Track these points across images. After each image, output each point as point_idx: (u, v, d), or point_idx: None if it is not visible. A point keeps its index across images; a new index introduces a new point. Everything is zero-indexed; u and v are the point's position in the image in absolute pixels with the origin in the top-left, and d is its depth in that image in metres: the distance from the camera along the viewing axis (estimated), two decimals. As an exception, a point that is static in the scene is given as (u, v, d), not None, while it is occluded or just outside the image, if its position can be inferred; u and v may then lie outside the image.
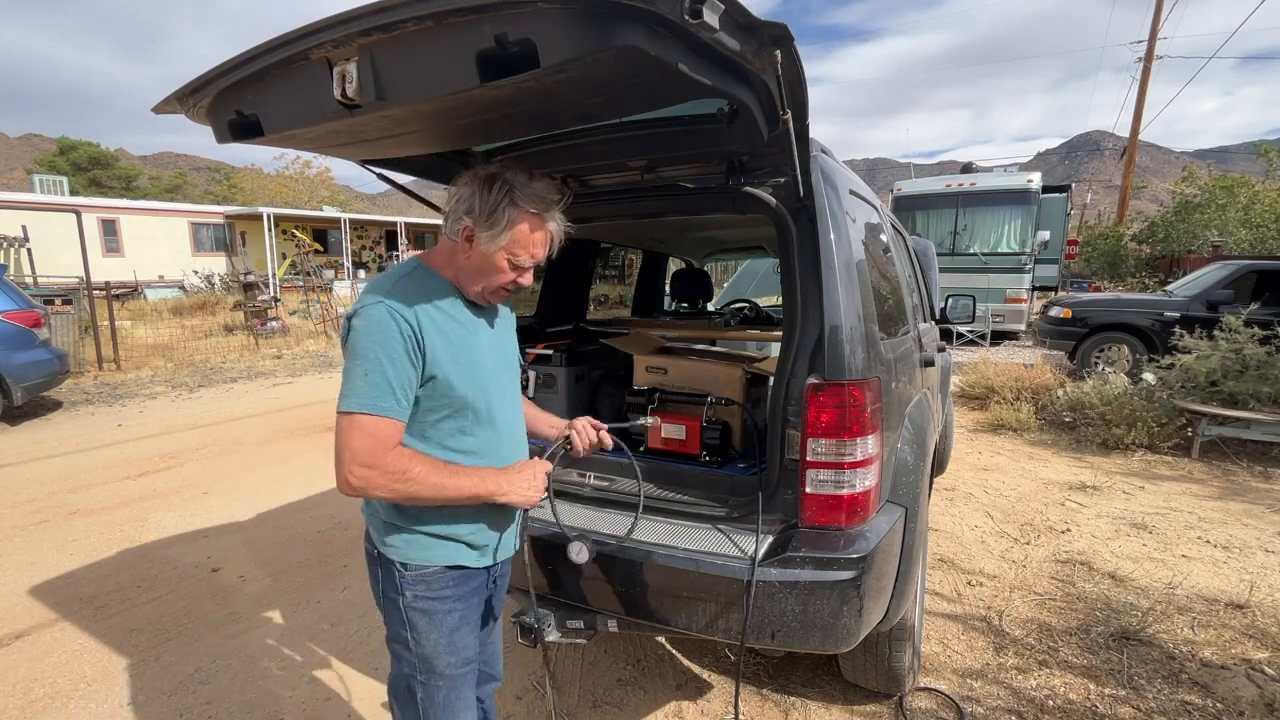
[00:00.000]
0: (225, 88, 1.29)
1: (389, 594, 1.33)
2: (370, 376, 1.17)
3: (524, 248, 1.29)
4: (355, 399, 1.17)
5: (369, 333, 1.19)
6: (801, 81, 1.25)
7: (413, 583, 1.31)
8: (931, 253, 4.56)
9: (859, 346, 1.64)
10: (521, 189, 1.25)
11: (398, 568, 1.31)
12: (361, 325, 1.20)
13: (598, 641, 2.63)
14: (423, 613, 1.32)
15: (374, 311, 1.19)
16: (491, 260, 1.28)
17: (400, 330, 1.19)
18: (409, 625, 1.32)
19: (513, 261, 1.30)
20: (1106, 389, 5.69)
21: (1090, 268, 22.42)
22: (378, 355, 1.18)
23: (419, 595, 1.31)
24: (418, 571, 1.31)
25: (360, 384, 1.17)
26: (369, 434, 1.16)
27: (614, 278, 8.66)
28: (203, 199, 41.21)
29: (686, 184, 1.93)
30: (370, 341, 1.18)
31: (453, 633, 1.35)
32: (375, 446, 1.17)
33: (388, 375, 1.18)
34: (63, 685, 2.41)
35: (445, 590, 1.33)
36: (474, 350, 1.32)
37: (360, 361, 1.18)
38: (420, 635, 1.32)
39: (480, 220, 1.24)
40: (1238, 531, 3.73)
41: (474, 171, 1.28)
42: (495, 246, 1.27)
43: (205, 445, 5.60)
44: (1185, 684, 2.36)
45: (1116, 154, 35.40)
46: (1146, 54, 19.32)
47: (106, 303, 9.38)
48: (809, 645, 1.57)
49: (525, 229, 1.27)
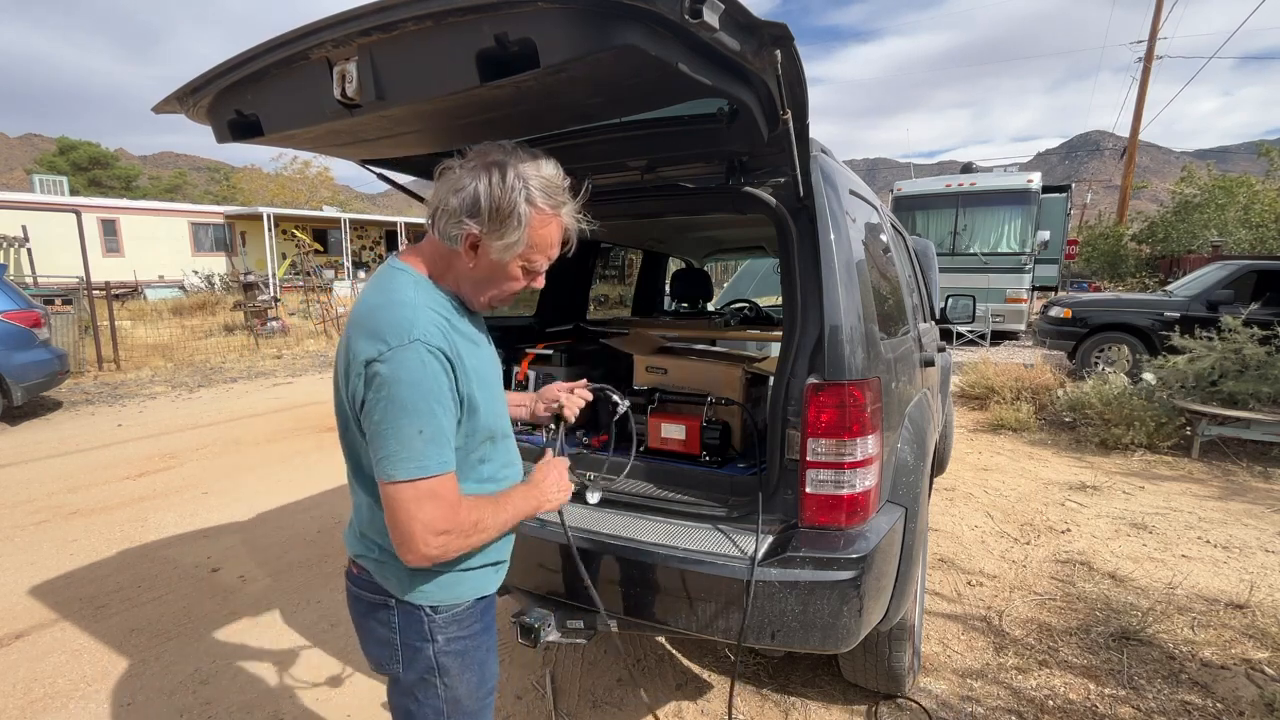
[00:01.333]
0: (225, 87, 1.29)
1: (413, 643, 1.16)
2: (426, 432, 1.00)
3: (541, 251, 1.13)
4: (416, 463, 0.99)
5: (413, 383, 0.99)
6: (801, 81, 1.25)
7: (444, 625, 1.17)
8: (931, 253, 4.56)
9: (859, 346, 1.63)
10: (535, 181, 1.06)
11: (426, 612, 1.15)
12: (400, 374, 0.99)
13: (598, 641, 2.62)
14: (456, 655, 1.18)
15: (410, 356, 1.00)
16: (504, 269, 1.12)
17: (444, 369, 1.03)
18: (440, 671, 1.17)
19: (528, 267, 1.14)
20: (1106, 389, 5.69)
21: (1090, 268, 22.43)
22: (430, 406, 1.01)
23: (452, 637, 1.17)
24: (449, 612, 1.17)
25: (417, 445, 0.99)
26: (440, 498, 1.02)
27: (614, 278, 8.66)
28: (202, 199, 41.22)
29: (686, 184, 1.93)
30: (417, 392, 1.00)
31: (483, 666, 1.24)
32: (448, 510, 1.03)
33: (443, 426, 1.02)
34: (63, 685, 2.41)
35: (475, 625, 1.21)
36: (488, 368, 1.20)
37: (411, 417, 0.99)
38: (452, 679, 1.19)
39: (490, 226, 1.06)
40: (1238, 531, 3.73)
41: (472, 159, 1.08)
42: (510, 255, 1.10)
43: (205, 445, 5.60)
44: (1185, 684, 2.36)
45: (1116, 154, 35.39)
46: (1146, 54, 19.32)
47: (106, 303, 9.38)
48: (809, 645, 1.57)
49: (542, 229, 1.10)
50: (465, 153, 1.09)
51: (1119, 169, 21.91)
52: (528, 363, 2.53)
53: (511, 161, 1.06)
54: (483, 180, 1.04)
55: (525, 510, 1.20)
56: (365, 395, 1.02)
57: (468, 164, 1.07)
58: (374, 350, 1.01)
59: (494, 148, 1.09)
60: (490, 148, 1.09)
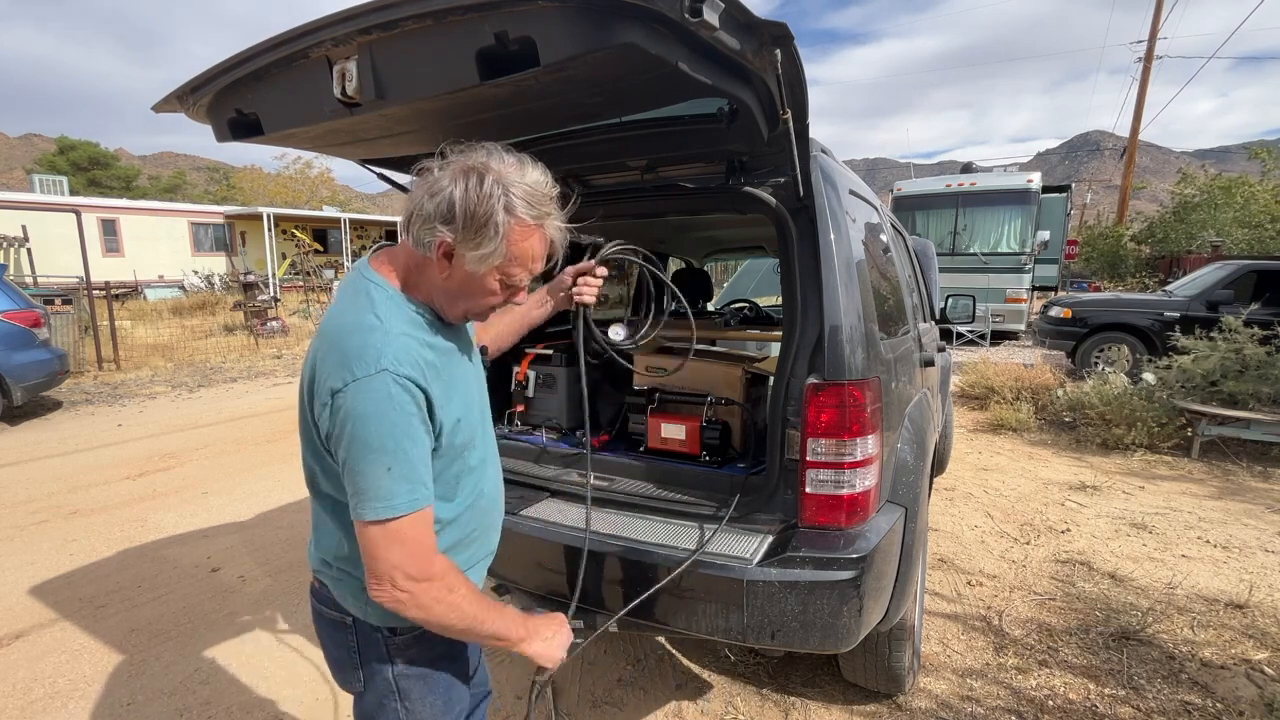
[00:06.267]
0: (225, 86, 1.29)
1: (372, 663, 1.12)
2: (395, 469, 0.94)
3: (521, 264, 1.03)
4: (384, 503, 0.93)
5: (379, 417, 0.93)
6: (801, 81, 1.25)
7: (404, 647, 1.11)
8: (931, 253, 4.57)
9: (859, 346, 1.63)
10: (517, 188, 0.97)
11: (384, 634, 1.10)
12: (362, 408, 0.93)
13: (598, 641, 2.62)
14: (417, 679, 1.13)
15: (377, 388, 0.93)
16: (480, 282, 1.03)
17: (413, 398, 0.96)
18: (400, 695, 1.12)
19: (506, 281, 1.05)
20: (1106, 389, 5.69)
21: (1090, 268, 22.45)
22: (398, 442, 0.94)
23: (413, 659, 1.12)
24: (410, 634, 1.11)
25: (385, 483, 0.93)
26: (411, 539, 0.95)
27: (614, 278, 8.64)
28: (202, 199, 41.25)
29: (686, 184, 1.93)
30: (384, 428, 0.93)
31: (449, 690, 1.18)
32: (421, 552, 0.97)
33: (412, 459, 0.96)
34: (63, 685, 2.41)
35: (440, 649, 1.15)
36: (464, 381, 1.13)
37: (379, 454, 0.93)
38: (414, 704, 1.13)
39: (464, 234, 0.96)
40: (1237, 531, 3.72)
41: (450, 162, 0.98)
42: (485, 267, 1.00)
43: (205, 445, 5.60)
44: (1185, 684, 2.36)
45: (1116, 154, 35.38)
46: (1146, 54, 19.33)
47: (106, 303, 9.38)
48: (809, 645, 1.57)
49: (522, 242, 1.01)
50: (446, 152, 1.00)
51: (1119, 169, 21.92)
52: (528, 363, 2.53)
53: (493, 165, 0.97)
54: (460, 185, 0.96)
55: (506, 633, 1.10)
56: (331, 428, 0.96)
57: (447, 166, 0.98)
58: (339, 380, 0.94)
59: (477, 149, 1.00)
60: (473, 149, 1.00)
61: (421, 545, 0.97)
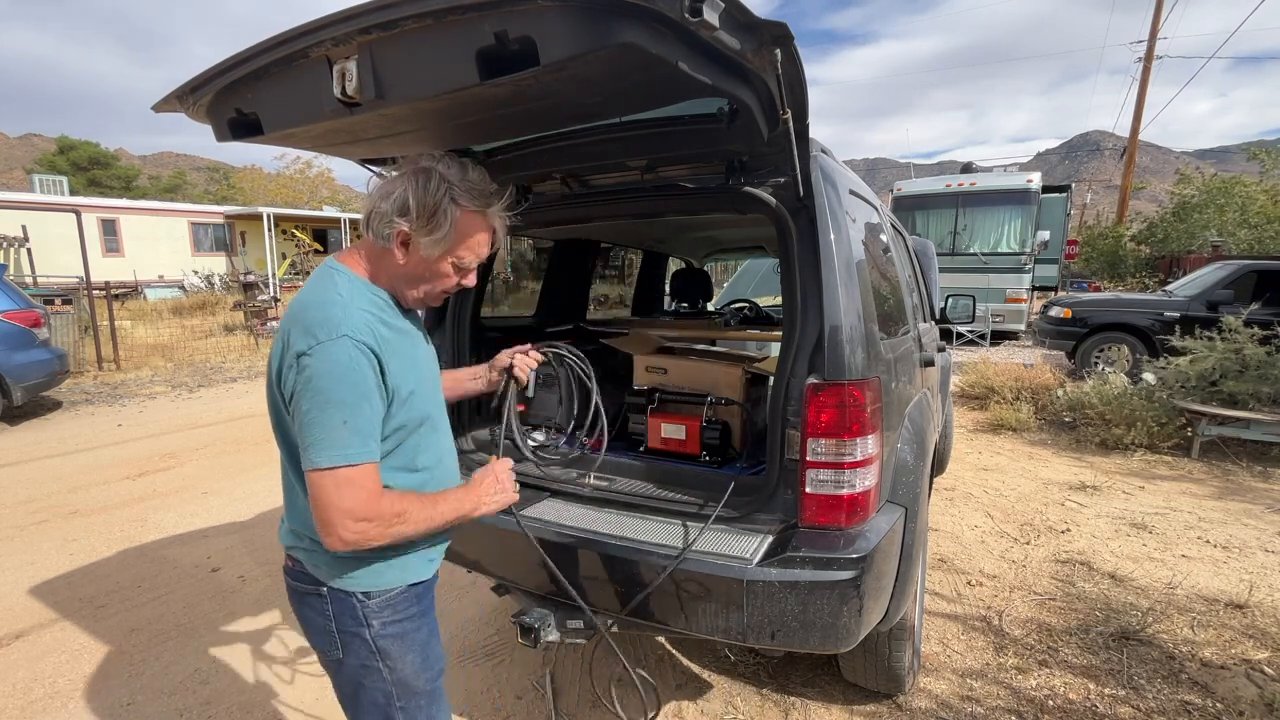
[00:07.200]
0: (225, 86, 1.29)
1: (349, 628, 1.21)
2: (351, 423, 1.05)
3: (470, 249, 1.22)
4: (338, 451, 1.05)
5: (338, 375, 1.05)
6: (801, 81, 1.25)
7: (378, 610, 1.21)
8: (931, 253, 4.57)
9: (859, 346, 1.63)
10: (460, 184, 1.15)
11: (358, 598, 1.20)
12: (325, 366, 1.05)
13: (597, 642, 2.62)
14: (395, 638, 1.23)
15: (337, 349, 1.06)
16: (434, 266, 1.20)
17: (370, 364, 1.09)
18: (380, 655, 1.22)
19: (457, 264, 1.22)
20: (1106, 389, 5.69)
21: (1090, 268, 22.44)
22: (355, 399, 1.06)
23: (388, 621, 1.22)
24: (382, 597, 1.21)
25: (339, 433, 1.05)
26: (359, 486, 1.06)
27: (614, 278, 8.65)
28: (202, 199, 41.24)
29: (686, 184, 1.93)
30: (342, 384, 1.05)
31: (425, 647, 1.28)
32: (368, 498, 1.07)
33: (366, 416, 1.08)
34: (63, 685, 2.41)
35: (411, 609, 1.26)
36: (420, 360, 1.26)
37: (337, 408, 1.05)
38: (395, 661, 1.23)
39: (419, 223, 1.14)
40: (1237, 531, 3.73)
41: (401, 166, 1.18)
42: (439, 251, 1.18)
43: (205, 445, 5.60)
44: (1185, 684, 2.36)
45: (1116, 154, 35.37)
46: (1146, 54, 19.33)
47: (106, 303, 9.38)
48: (809, 645, 1.57)
49: (469, 229, 1.19)
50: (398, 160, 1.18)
51: (1118, 169, 21.92)
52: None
53: (438, 168, 1.15)
54: (412, 183, 1.14)
55: (459, 511, 1.22)
56: (295, 386, 1.08)
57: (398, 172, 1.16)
58: (304, 344, 1.07)
59: (423, 156, 1.18)
60: (419, 156, 1.18)
61: (370, 491, 1.08)
